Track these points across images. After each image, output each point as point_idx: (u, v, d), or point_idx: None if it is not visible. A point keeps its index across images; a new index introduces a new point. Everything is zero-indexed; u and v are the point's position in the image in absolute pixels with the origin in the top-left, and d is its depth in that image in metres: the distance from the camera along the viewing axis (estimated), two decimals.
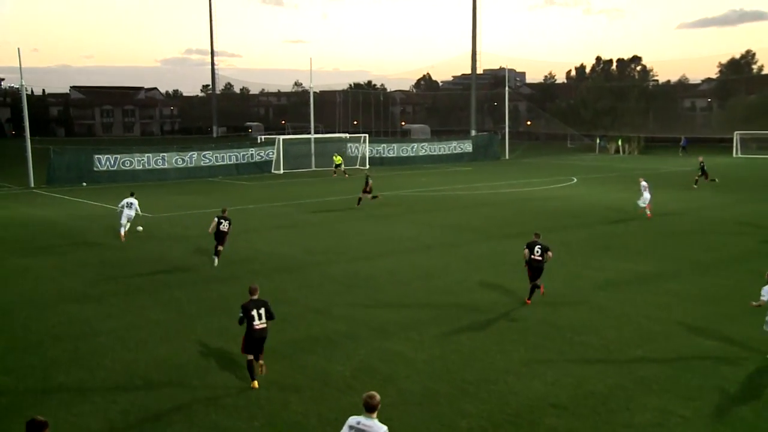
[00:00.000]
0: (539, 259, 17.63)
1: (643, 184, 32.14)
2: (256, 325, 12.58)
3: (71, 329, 16.10)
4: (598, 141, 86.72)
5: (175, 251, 25.08)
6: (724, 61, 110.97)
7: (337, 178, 52.46)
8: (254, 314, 12.55)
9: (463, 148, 71.31)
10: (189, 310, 17.60)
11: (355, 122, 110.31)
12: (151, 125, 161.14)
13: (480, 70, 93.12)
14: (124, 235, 26.96)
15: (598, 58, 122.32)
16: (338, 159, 56.44)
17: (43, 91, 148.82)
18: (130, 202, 27.70)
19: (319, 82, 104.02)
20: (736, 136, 74.98)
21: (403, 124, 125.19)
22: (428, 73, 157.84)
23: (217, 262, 22.44)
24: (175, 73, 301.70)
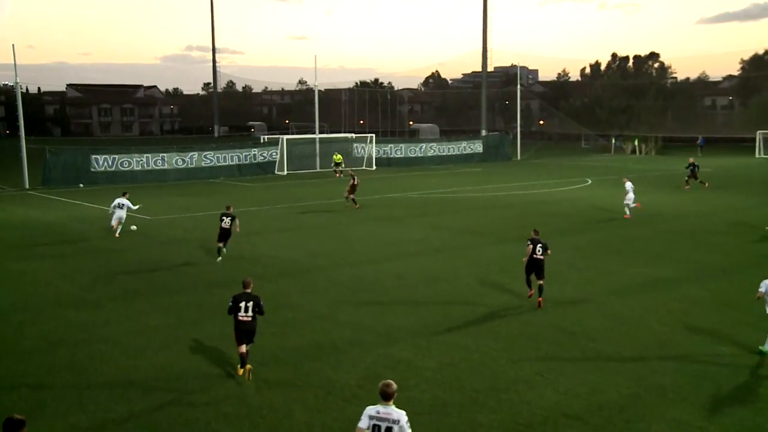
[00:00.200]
0: (541, 258, 18.17)
1: (630, 185, 33.22)
2: (241, 317, 13.45)
3: (67, 335, 16.17)
4: (614, 141, 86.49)
5: (175, 254, 25.17)
6: (746, 57, 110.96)
7: (343, 179, 52.39)
8: (241, 305, 13.48)
9: (473, 149, 71.26)
10: (189, 316, 17.67)
11: (362, 122, 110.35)
12: (150, 124, 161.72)
13: (491, 68, 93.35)
14: (117, 232, 28.26)
15: (614, 55, 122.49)
16: (338, 157, 56.38)
17: (39, 89, 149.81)
18: (121, 202, 28.28)
19: (324, 80, 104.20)
20: (759, 135, 74.48)
21: (411, 123, 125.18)
22: (437, 71, 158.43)
23: (220, 259, 23.70)
24: (176, 71, 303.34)
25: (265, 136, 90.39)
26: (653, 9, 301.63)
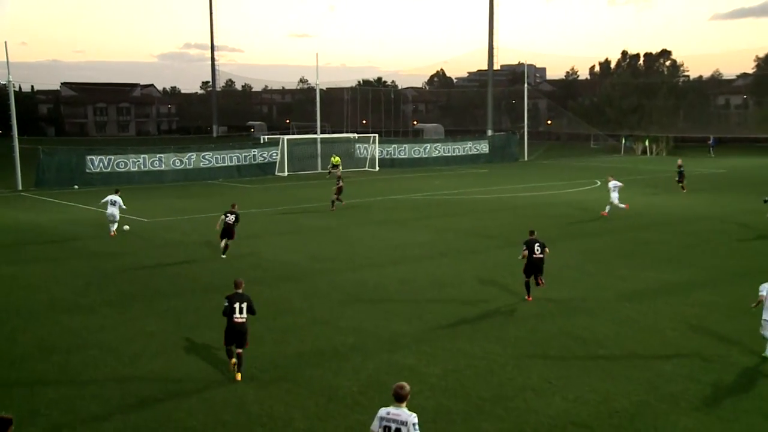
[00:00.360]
0: (541, 257, 18.64)
1: (613, 184, 34.10)
2: (236, 318, 13.63)
3: (61, 341, 16.17)
4: (624, 141, 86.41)
5: (172, 258, 25.18)
6: (762, 55, 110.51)
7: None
8: (236, 307, 13.65)
9: (479, 149, 71.26)
10: (187, 321, 17.67)
11: (364, 121, 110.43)
12: (147, 124, 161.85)
13: (497, 66, 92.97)
14: (112, 230, 28.79)
15: (624, 53, 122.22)
16: (336, 159, 56.32)
17: (32, 87, 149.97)
18: (113, 199, 28.57)
19: (325, 79, 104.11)
20: None
21: (415, 123, 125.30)
22: (442, 69, 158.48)
23: (225, 255, 24.61)
24: (173, 69, 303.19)
25: (265, 137, 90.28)
26: (665, 5, 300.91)
